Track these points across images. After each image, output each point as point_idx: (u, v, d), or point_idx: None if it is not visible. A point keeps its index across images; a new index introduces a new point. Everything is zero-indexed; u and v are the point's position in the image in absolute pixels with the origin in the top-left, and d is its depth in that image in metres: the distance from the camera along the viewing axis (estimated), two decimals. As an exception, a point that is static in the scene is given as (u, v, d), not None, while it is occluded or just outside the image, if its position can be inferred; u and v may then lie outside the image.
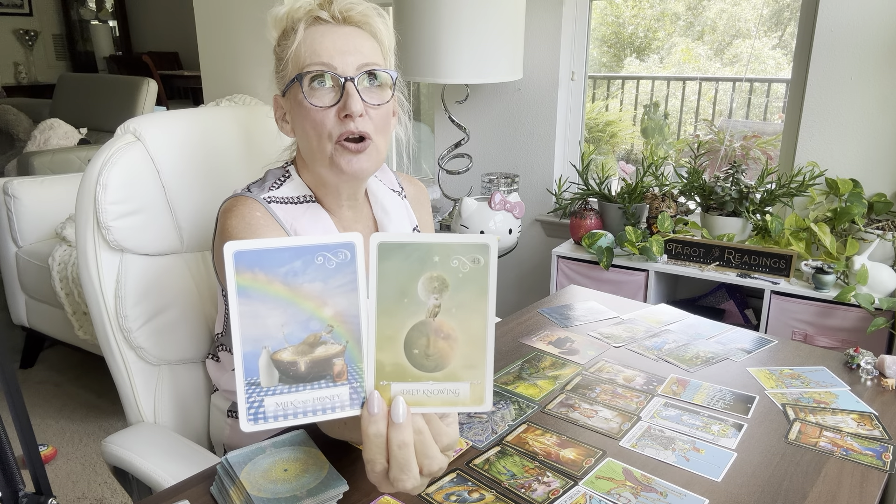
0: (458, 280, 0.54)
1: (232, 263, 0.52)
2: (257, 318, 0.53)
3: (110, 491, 2.04)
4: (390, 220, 1.09)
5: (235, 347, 0.52)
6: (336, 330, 0.54)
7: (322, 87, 0.92)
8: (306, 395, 0.54)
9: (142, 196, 1.10)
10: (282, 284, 0.53)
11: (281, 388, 0.54)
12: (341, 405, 0.55)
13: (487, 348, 0.55)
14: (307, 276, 0.53)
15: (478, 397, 0.56)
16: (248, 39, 3.25)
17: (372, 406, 0.55)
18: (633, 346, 1.21)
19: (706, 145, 2.65)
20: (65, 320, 2.46)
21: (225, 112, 1.23)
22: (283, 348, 0.53)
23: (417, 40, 2.17)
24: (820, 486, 0.81)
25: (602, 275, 2.22)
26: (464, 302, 0.54)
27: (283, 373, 0.54)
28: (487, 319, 0.55)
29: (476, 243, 0.54)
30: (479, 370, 0.55)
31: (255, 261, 0.52)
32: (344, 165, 0.94)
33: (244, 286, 0.52)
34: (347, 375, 0.55)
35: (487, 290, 0.54)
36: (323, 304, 0.54)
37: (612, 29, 4.99)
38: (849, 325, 1.87)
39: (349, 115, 0.90)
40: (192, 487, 0.82)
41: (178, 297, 1.16)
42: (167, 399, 1.17)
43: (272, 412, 0.53)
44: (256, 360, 0.53)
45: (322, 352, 0.54)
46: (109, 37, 6.57)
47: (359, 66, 0.92)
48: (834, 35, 2.01)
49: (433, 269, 0.54)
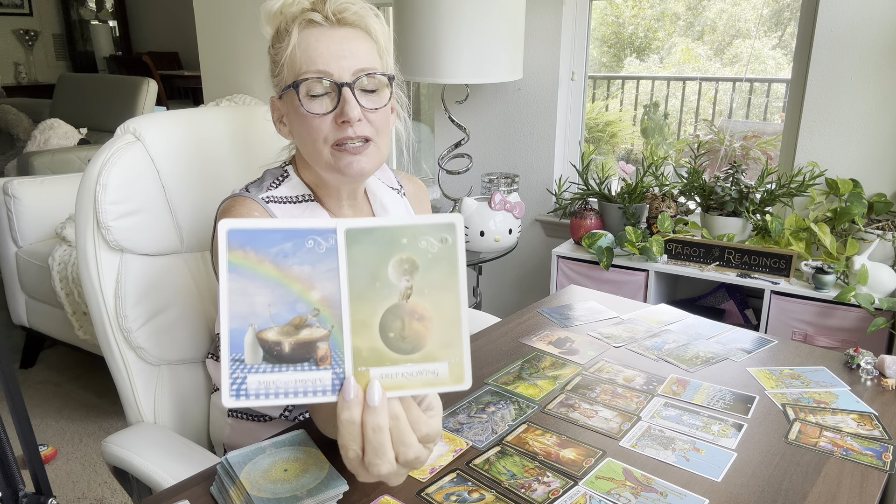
0: (428, 260, 0.54)
1: (224, 240, 0.53)
2: (245, 296, 0.53)
3: (110, 491, 2.04)
4: None
5: (223, 323, 0.53)
6: (322, 314, 0.54)
7: (318, 95, 0.92)
8: (289, 375, 0.54)
9: (141, 196, 1.10)
10: (271, 265, 0.53)
11: (264, 367, 0.54)
12: (322, 390, 0.55)
13: (462, 326, 0.55)
14: (297, 258, 0.54)
15: (457, 376, 0.56)
16: (248, 39, 3.25)
17: (348, 392, 0.55)
18: (633, 346, 1.21)
19: (706, 145, 2.65)
20: (65, 320, 2.46)
21: (225, 112, 1.23)
22: (269, 328, 0.54)
23: (417, 40, 2.17)
24: (820, 486, 0.81)
25: (602, 275, 2.22)
26: (435, 281, 0.55)
27: (267, 352, 0.54)
28: (460, 297, 0.55)
29: (442, 223, 0.55)
30: (456, 348, 0.55)
31: (247, 239, 0.53)
32: (344, 167, 0.94)
33: (235, 263, 0.53)
34: (331, 360, 0.55)
35: (457, 268, 0.55)
36: (311, 287, 0.54)
37: (612, 29, 4.99)
38: (849, 325, 1.87)
39: (346, 121, 0.91)
40: (192, 487, 0.82)
41: (177, 297, 1.16)
42: (167, 399, 1.17)
43: (254, 390, 0.54)
44: (242, 337, 0.53)
45: (307, 334, 0.54)
46: (109, 37, 6.57)
47: (355, 70, 0.92)
48: (834, 35, 2.01)
49: (402, 251, 0.54)
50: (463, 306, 0.55)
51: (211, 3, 3.29)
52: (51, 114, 4.12)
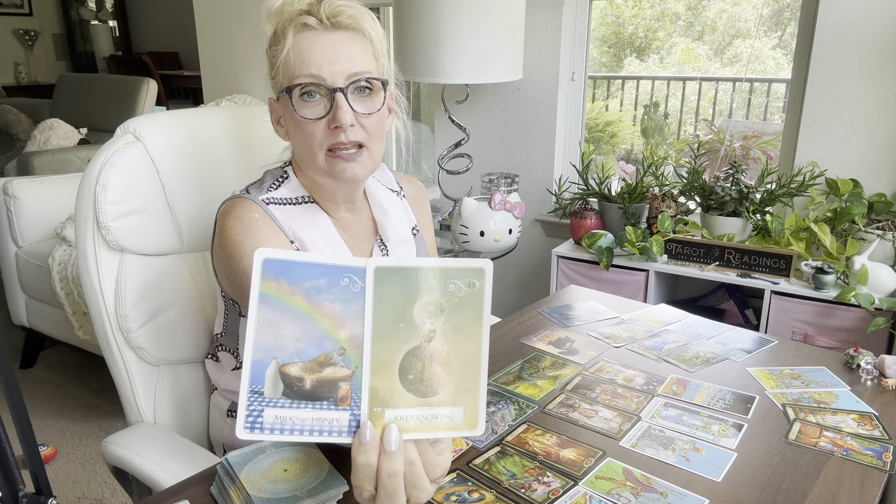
0: (454, 304, 0.54)
1: (259, 269, 0.51)
2: (273, 328, 0.52)
3: (110, 491, 2.04)
4: (389, 221, 1.09)
5: (246, 353, 0.52)
6: (348, 353, 0.53)
7: (311, 99, 0.92)
8: (307, 413, 0.53)
9: (141, 196, 1.10)
10: (304, 298, 0.52)
11: (283, 402, 0.53)
12: (339, 430, 0.54)
13: (481, 372, 0.55)
14: (330, 295, 0.53)
15: (471, 421, 0.55)
16: (248, 39, 3.25)
17: (364, 436, 0.54)
18: (633, 346, 1.21)
19: (706, 145, 2.65)
20: (65, 320, 2.46)
21: (225, 112, 1.23)
22: (293, 362, 0.53)
23: (417, 40, 2.17)
24: (820, 486, 0.81)
25: (602, 275, 2.22)
26: (459, 326, 0.54)
27: (288, 386, 0.53)
28: (482, 343, 0.54)
29: (472, 267, 0.54)
30: (473, 394, 0.55)
31: (282, 270, 0.52)
32: (338, 174, 0.95)
33: (267, 294, 0.52)
34: (350, 402, 0.54)
35: (482, 313, 0.54)
36: (340, 325, 0.53)
37: (612, 29, 4.99)
38: (849, 325, 1.86)
39: (339, 126, 0.91)
40: (192, 487, 0.81)
41: (177, 297, 1.16)
42: (167, 399, 1.17)
43: (269, 424, 0.53)
44: (264, 370, 0.52)
45: (330, 373, 0.53)
46: (109, 37, 6.57)
47: (348, 75, 0.92)
48: (834, 35, 2.01)
49: (429, 293, 0.53)
50: (484, 352, 0.55)
51: (211, 3, 3.29)
52: (51, 114, 4.12)
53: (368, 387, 0.54)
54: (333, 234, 1.02)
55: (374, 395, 0.54)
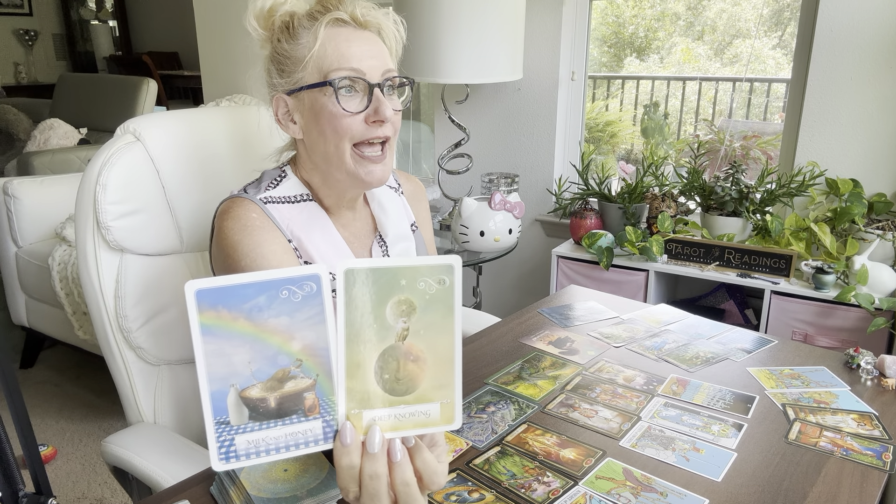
0: (426, 302, 0.54)
1: (194, 302, 0.50)
2: (222, 357, 0.51)
3: (110, 491, 2.04)
4: (388, 218, 1.10)
5: (202, 387, 0.51)
6: (305, 364, 0.53)
7: (351, 93, 0.94)
8: (278, 431, 0.53)
9: (141, 196, 1.10)
10: (246, 320, 0.51)
11: (251, 426, 0.53)
12: (314, 439, 0.54)
13: (455, 366, 0.55)
14: (272, 310, 0.52)
15: (448, 416, 0.56)
16: (248, 39, 3.25)
17: (344, 437, 0.54)
18: (633, 346, 1.21)
19: (706, 145, 2.65)
20: (65, 320, 2.46)
21: (225, 112, 1.23)
22: (252, 385, 0.52)
23: (417, 40, 2.17)
24: (820, 486, 0.81)
25: (602, 275, 2.22)
26: (431, 323, 0.54)
27: (252, 410, 0.52)
28: (455, 338, 0.55)
29: (441, 264, 0.54)
30: (449, 389, 0.55)
31: (217, 298, 0.51)
32: (364, 175, 0.96)
33: (208, 325, 0.51)
34: (319, 409, 0.54)
35: (454, 309, 0.54)
36: (290, 338, 0.52)
37: (612, 29, 4.99)
38: (849, 325, 1.86)
39: (379, 120, 0.93)
40: (192, 487, 0.82)
41: (177, 297, 1.16)
42: (167, 399, 1.17)
43: (244, 450, 0.52)
44: (225, 399, 0.52)
45: (292, 386, 0.53)
46: (109, 37, 6.57)
47: (384, 71, 0.95)
48: (834, 35, 2.01)
49: (401, 292, 0.53)
50: (457, 347, 0.55)
51: (211, 3, 3.29)
52: (51, 114, 4.12)
53: (345, 389, 0.54)
54: (333, 233, 1.02)
55: (351, 397, 0.54)
